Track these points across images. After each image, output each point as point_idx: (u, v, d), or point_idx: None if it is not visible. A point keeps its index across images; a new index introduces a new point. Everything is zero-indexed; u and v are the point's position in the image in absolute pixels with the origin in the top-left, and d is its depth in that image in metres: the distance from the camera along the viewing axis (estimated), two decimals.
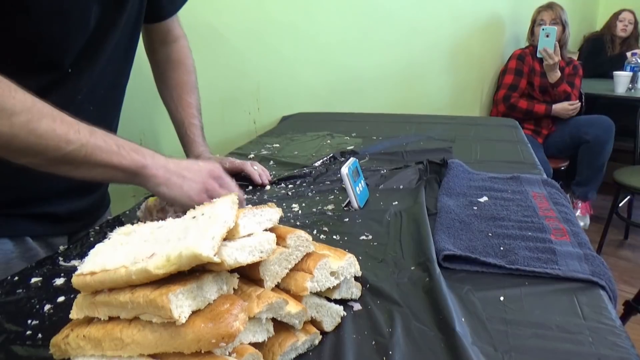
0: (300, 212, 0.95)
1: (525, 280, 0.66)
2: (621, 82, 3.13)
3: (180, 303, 0.43)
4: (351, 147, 1.35)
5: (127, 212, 0.98)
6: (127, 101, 1.01)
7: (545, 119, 2.86)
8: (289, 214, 0.93)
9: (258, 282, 0.53)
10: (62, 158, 0.64)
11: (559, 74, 2.70)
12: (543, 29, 2.61)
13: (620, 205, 2.84)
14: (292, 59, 1.86)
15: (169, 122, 1.09)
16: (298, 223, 0.89)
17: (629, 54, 3.45)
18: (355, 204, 0.94)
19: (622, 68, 3.36)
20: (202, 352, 0.44)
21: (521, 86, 2.85)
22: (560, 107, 2.78)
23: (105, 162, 0.67)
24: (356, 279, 0.64)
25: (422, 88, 2.67)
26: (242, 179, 1.09)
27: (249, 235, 0.51)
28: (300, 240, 0.56)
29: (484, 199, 0.93)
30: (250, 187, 1.08)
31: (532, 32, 2.94)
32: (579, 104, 2.85)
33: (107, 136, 0.68)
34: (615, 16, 3.71)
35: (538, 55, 2.67)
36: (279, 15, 1.76)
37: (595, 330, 0.56)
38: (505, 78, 2.88)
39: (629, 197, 3.06)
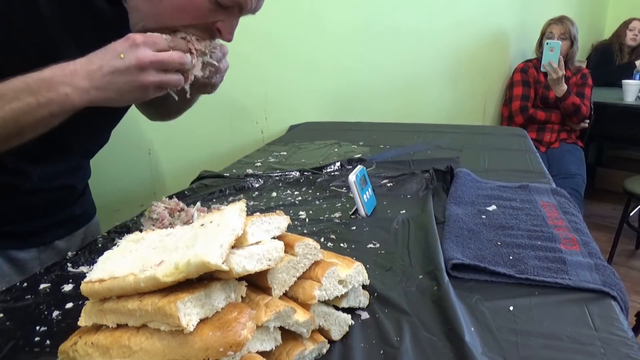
0: (307, 219, 0.94)
1: (535, 290, 0.66)
2: (630, 90, 3.11)
3: (189, 311, 0.43)
4: (359, 155, 1.35)
5: (135, 219, 0.98)
6: (136, 112, 1.02)
7: (548, 126, 2.85)
8: (296, 222, 0.93)
9: (266, 291, 0.53)
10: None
11: (565, 87, 2.69)
12: (547, 43, 2.61)
13: (631, 214, 2.81)
14: (299, 69, 1.87)
15: (177, 133, 1.08)
16: (305, 231, 0.89)
17: (638, 62, 3.43)
18: (362, 212, 0.94)
19: (631, 77, 3.34)
20: None
21: (531, 96, 2.85)
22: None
23: (36, 120, 0.62)
24: (364, 287, 0.63)
25: (426, 97, 2.68)
26: None
27: (257, 243, 0.51)
28: (308, 248, 0.56)
29: (493, 207, 0.92)
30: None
31: (540, 44, 2.94)
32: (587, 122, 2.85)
33: (17, 90, 0.61)
34: (625, 25, 3.69)
35: (542, 69, 2.66)
36: (286, 26, 1.77)
37: (607, 342, 0.55)
38: (514, 90, 2.88)
39: (639, 206, 3.03)
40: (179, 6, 0.67)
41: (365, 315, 0.61)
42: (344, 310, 0.59)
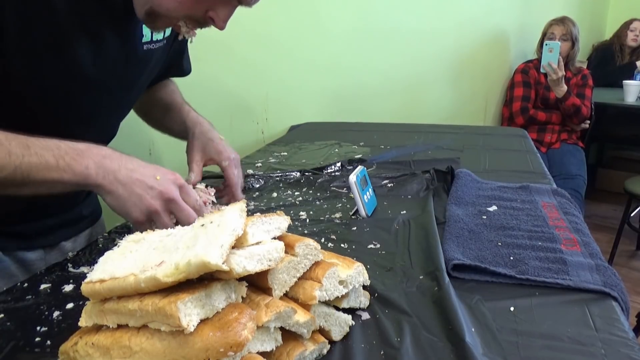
0: (307, 220, 0.94)
1: (536, 291, 0.66)
2: (631, 91, 3.11)
3: (189, 311, 0.43)
4: (359, 156, 1.35)
5: None
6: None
7: (549, 126, 2.84)
8: (296, 222, 0.93)
9: (266, 291, 0.53)
10: (1, 182, 0.62)
11: (565, 88, 2.68)
12: (546, 44, 2.61)
13: (631, 215, 2.81)
14: (300, 70, 1.87)
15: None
16: (306, 231, 0.89)
17: (638, 63, 3.43)
18: (363, 213, 0.94)
19: (631, 77, 3.34)
20: None
21: (532, 97, 2.85)
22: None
23: (45, 180, 0.63)
24: (364, 287, 0.63)
25: (427, 98, 2.68)
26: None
27: (257, 243, 0.51)
28: (309, 248, 0.56)
29: (493, 208, 0.92)
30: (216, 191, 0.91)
31: (541, 45, 2.94)
32: (588, 122, 2.85)
33: (46, 148, 0.63)
34: (626, 25, 3.70)
35: (542, 70, 2.66)
36: (287, 26, 1.77)
37: (607, 342, 0.55)
38: (515, 91, 2.88)
39: None
40: None
41: (365, 315, 0.61)
42: (345, 310, 0.59)
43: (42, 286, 0.72)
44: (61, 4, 0.67)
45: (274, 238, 0.54)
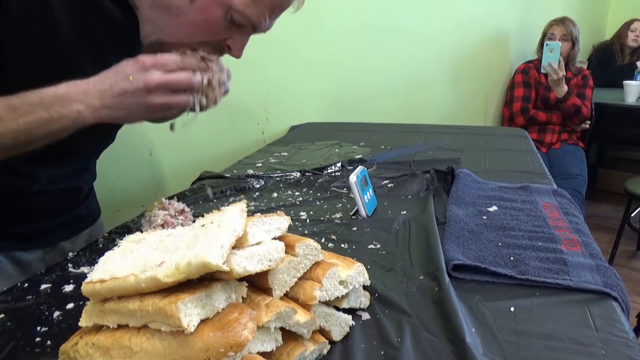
0: (308, 220, 0.94)
1: (536, 291, 0.66)
2: (631, 91, 3.11)
3: (189, 312, 0.43)
4: (359, 156, 1.35)
5: (135, 219, 0.98)
6: None
7: (549, 127, 2.84)
8: (297, 222, 0.93)
9: (267, 291, 0.53)
10: (8, 149, 0.62)
11: (565, 88, 2.68)
12: (547, 44, 2.60)
13: (632, 215, 2.80)
14: (300, 70, 1.87)
15: (178, 134, 1.08)
16: (306, 231, 0.89)
17: (639, 63, 3.43)
18: (363, 213, 0.94)
19: (632, 77, 3.34)
20: None
21: (532, 97, 2.85)
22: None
23: (47, 134, 0.64)
24: (365, 288, 0.63)
25: (428, 98, 2.67)
26: None
27: (257, 243, 0.51)
28: (309, 249, 0.56)
29: (494, 208, 0.92)
30: None
31: (541, 45, 2.94)
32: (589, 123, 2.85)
33: (31, 104, 0.62)
34: (627, 26, 3.70)
35: (542, 70, 2.66)
36: (287, 26, 1.77)
37: (608, 343, 0.55)
38: (515, 91, 2.87)
39: None
40: (195, 22, 0.68)
41: (366, 315, 0.61)
42: (345, 310, 0.59)
43: (43, 286, 0.72)
44: (66, 24, 0.68)
45: (274, 238, 0.54)
